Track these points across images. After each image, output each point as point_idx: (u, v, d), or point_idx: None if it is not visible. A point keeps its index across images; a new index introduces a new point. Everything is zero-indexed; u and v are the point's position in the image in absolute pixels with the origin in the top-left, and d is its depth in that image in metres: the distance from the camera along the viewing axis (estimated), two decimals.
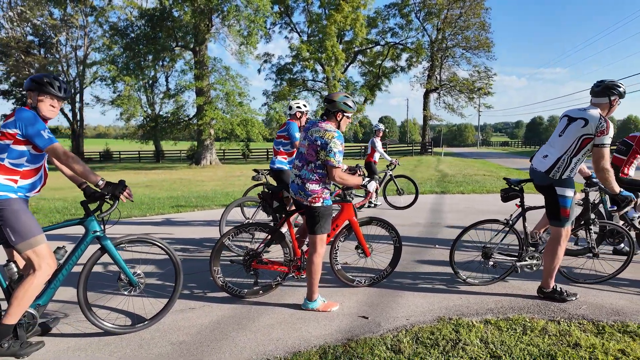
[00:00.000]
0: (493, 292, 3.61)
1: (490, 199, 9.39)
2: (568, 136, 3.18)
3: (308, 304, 3.20)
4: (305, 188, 3.06)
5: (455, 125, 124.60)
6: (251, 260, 3.40)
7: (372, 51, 36.98)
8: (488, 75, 34.05)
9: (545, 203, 3.37)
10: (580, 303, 3.34)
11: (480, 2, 32.14)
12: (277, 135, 5.03)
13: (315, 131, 3.02)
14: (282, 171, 4.90)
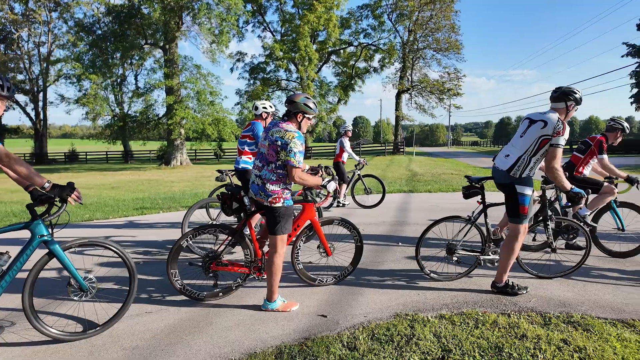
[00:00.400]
0: (450, 288, 3.71)
1: (456, 197, 9.62)
2: (529, 137, 3.35)
3: (268, 304, 3.19)
4: (266, 189, 3.06)
5: (427, 125, 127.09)
6: (210, 262, 3.35)
7: (346, 52, 37.23)
8: (457, 76, 34.97)
9: (505, 201, 3.51)
10: (530, 296, 3.49)
11: (450, 4, 32.94)
12: (241, 135, 5.03)
13: (275, 131, 3.01)
14: (247, 171, 4.87)
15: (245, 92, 34.85)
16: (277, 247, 3.14)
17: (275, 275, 3.14)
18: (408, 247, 5.10)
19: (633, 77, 35.78)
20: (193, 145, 31.16)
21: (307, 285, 3.73)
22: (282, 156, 2.98)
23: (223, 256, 3.44)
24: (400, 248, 5.09)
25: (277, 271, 3.15)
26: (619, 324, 2.97)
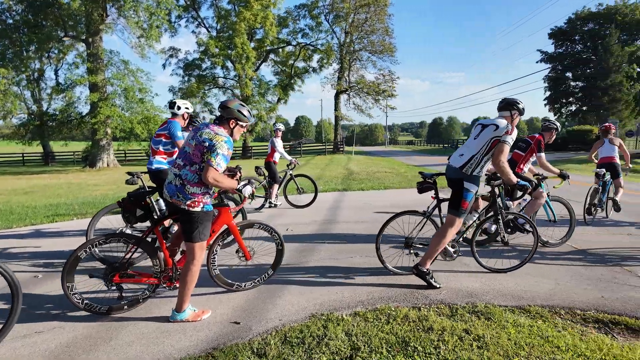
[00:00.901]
0: (367, 284, 3.77)
1: (387, 195, 9.96)
2: (482, 139, 3.64)
3: (176, 315, 2.99)
4: (185, 190, 2.88)
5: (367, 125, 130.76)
6: (113, 273, 3.08)
7: (284, 51, 37.08)
8: (392, 78, 36.31)
9: (451, 194, 3.75)
10: (442, 289, 3.65)
11: (384, 8, 34.09)
12: (156, 134, 4.70)
13: (205, 132, 2.86)
14: (162, 171, 4.58)
15: (179, 90, 33.40)
16: (194, 254, 2.95)
17: (189, 284, 2.96)
18: (333, 245, 5.13)
19: (546, 81, 39.61)
20: (121, 146, 29.18)
21: (225, 290, 3.59)
22: (206, 158, 2.82)
23: (128, 267, 3.16)
24: (325, 247, 5.10)
25: (192, 280, 2.97)
26: (517, 311, 3.20)
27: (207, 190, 2.96)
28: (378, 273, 4.06)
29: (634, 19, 35.02)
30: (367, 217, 6.87)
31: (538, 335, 2.75)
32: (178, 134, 4.58)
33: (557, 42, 38.90)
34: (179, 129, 4.62)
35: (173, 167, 3.01)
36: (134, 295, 3.24)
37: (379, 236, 3.97)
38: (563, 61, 38.00)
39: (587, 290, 3.62)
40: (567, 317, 3.12)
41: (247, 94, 30.85)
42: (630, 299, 3.44)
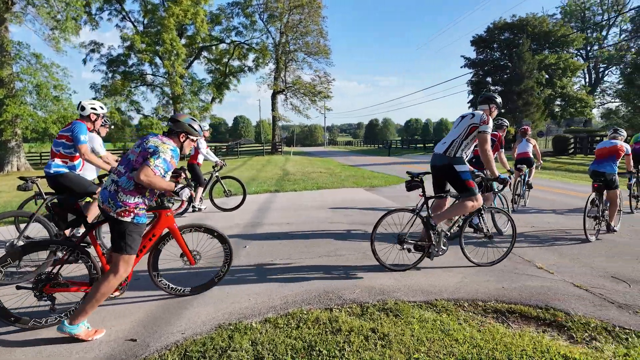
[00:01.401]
0: (283, 288, 3.67)
1: (317, 195, 9.98)
2: (460, 126, 4.09)
3: (67, 327, 2.67)
4: (117, 197, 2.75)
5: (307, 126, 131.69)
6: (44, 284, 2.84)
7: (218, 49, 36.06)
8: (328, 80, 36.85)
9: (451, 184, 4.11)
10: (355, 287, 3.66)
11: (318, 10, 34.47)
12: (58, 135, 4.30)
13: (152, 141, 2.85)
14: (61, 175, 4.20)
15: (102, 87, 31.05)
16: (117, 266, 2.77)
17: (100, 298, 2.73)
18: (254, 249, 4.98)
19: (469, 85, 42.52)
20: (33, 147, 26.42)
21: (121, 303, 3.29)
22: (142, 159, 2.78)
23: (60, 276, 2.92)
24: (245, 251, 4.93)
25: (105, 294, 2.76)
26: (425, 305, 3.29)
27: (141, 201, 2.84)
28: (296, 277, 3.98)
29: (542, 30, 38.82)
30: (294, 219, 6.80)
31: (440, 330, 2.84)
32: (81, 137, 4.19)
33: (478, 49, 41.91)
34: (84, 131, 4.24)
35: (113, 173, 2.91)
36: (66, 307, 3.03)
37: (374, 233, 4.05)
38: (484, 67, 41.05)
39: (490, 282, 3.84)
40: (469, 309, 3.27)
41: (177, 92, 29.48)
42: (526, 288, 3.70)
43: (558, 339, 2.84)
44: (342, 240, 5.40)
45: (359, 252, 4.80)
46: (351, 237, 5.58)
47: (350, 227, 6.16)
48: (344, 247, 5.05)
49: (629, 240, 5.42)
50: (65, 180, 4.20)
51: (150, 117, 30.91)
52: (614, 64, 46.38)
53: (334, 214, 7.21)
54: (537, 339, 2.74)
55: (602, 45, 47.08)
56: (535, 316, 3.15)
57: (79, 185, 4.18)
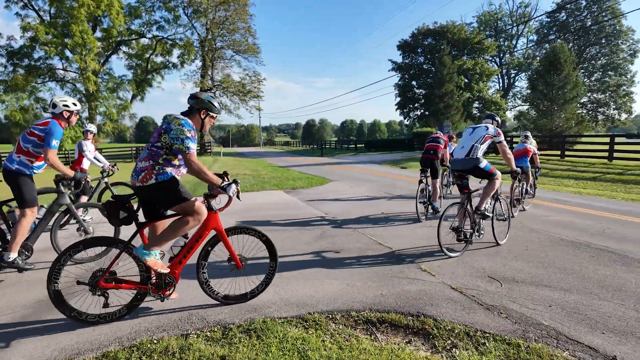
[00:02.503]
0: (142, 311, 3.25)
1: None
2: (476, 134, 5.07)
3: (141, 251, 2.95)
4: (137, 168, 2.93)
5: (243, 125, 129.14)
6: (98, 279, 2.93)
7: (139, 43, 33.74)
8: (258, 79, 36.17)
9: (479, 177, 5.14)
10: (224, 307, 3.35)
11: (245, 7, 33.65)
12: (30, 131, 3.95)
13: (172, 117, 2.98)
14: (21, 175, 3.92)
15: (0, 82, 27.53)
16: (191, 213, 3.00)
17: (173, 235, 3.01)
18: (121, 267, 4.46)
19: (396, 88, 44.31)
20: None
21: None
22: (163, 139, 2.91)
23: (114, 272, 3.01)
24: None
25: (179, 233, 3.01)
26: (295, 321, 3.08)
27: (159, 164, 2.92)
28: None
29: (460, 37, 41.59)
30: None
31: (297, 351, 2.62)
32: (53, 142, 3.89)
33: (404, 54, 43.84)
34: (60, 134, 3.96)
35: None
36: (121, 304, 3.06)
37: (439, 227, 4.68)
38: (409, 70, 43.05)
39: (371, 289, 3.75)
40: (341, 321, 3.11)
41: (90, 89, 27.06)
42: (404, 293, 3.65)
43: (420, 349, 2.77)
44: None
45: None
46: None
47: None
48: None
49: (513, 235, 5.72)
50: (17, 182, 3.89)
51: None
52: (523, 71, 51.13)
53: (242, 219, 6.85)
54: (397, 352, 2.64)
55: (512, 53, 51.66)
56: (405, 325, 3.07)
57: (22, 191, 3.89)
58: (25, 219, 3.86)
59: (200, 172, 2.88)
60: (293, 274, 4.14)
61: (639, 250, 5.02)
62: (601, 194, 10.70)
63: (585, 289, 3.75)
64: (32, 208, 3.92)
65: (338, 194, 10.29)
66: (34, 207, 3.94)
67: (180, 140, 2.86)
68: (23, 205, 3.87)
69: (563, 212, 7.65)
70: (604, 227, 6.32)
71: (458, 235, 4.75)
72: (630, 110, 44.24)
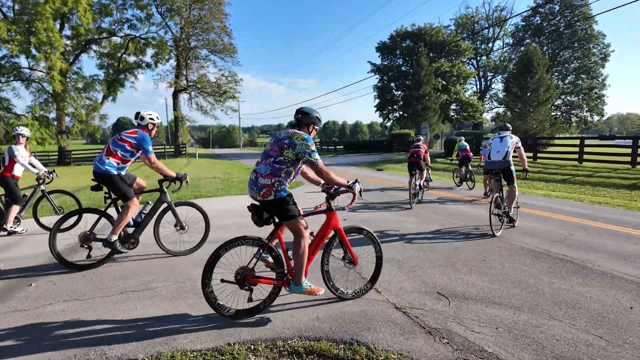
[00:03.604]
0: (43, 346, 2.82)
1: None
2: (506, 142, 6.57)
3: (295, 288, 3.24)
4: (258, 182, 3.15)
5: (225, 126, 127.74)
6: (245, 275, 3.22)
7: (111, 42, 32.65)
8: (235, 80, 35.50)
9: (505, 177, 6.47)
10: (131, 337, 2.94)
11: (219, 6, 32.97)
12: (120, 137, 4.45)
13: (284, 132, 3.22)
14: (112, 176, 4.38)
15: None
16: (297, 230, 3.18)
17: (302, 257, 3.19)
18: (42, 286, 3.99)
19: (375, 90, 44.26)
20: None
21: None
22: (286, 153, 3.13)
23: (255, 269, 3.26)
24: (25, 292, 3.92)
25: (305, 253, 3.20)
26: (210, 354, 2.70)
27: (278, 180, 3.13)
28: (77, 330, 3.14)
29: (438, 39, 41.85)
30: None
31: None
32: (150, 148, 4.46)
33: (382, 55, 43.84)
34: (149, 142, 4.48)
35: (256, 165, 3.29)
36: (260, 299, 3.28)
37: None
38: (388, 72, 43.04)
39: (306, 311, 3.40)
40: (263, 353, 2.75)
41: (57, 89, 25.96)
42: (342, 315, 3.31)
43: None
44: (165, 267, 4.65)
45: (176, 282, 4.10)
46: (177, 261, 4.86)
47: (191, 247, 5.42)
48: (162, 277, 4.29)
49: (474, 244, 5.47)
50: (110, 181, 4.37)
51: (23, 117, 26.79)
52: (499, 73, 51.91)
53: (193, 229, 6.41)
54: None
55: (489, 56, 52.41)
56: (335, 355, 2.73)
57: (119, 188, 4.40)
58: (129, 209, 4.42)
59: (329, 175, 3.24)
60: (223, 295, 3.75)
61: (598, 260, 4.83)
62: (569, 196, 10.68)
63: (537, 307, 3.50)
64: (132, 200, 4.44)
65: (306, 198, 9.94)
66: (132, 198, 4.45)
67: (308, 154, 3.14)
68: (124, 199, 4.43)
69: (529, 217, 7.49)
70: (567, 234, 6.16)
71: (500, 218, 6.23)
72: (602, 112, 45.34)
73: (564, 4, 42.67)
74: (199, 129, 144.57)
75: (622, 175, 13.72)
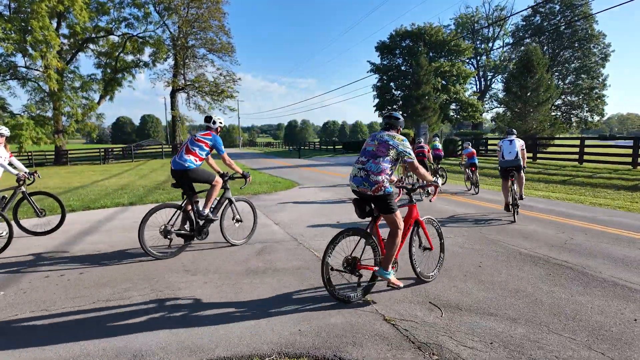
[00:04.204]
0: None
1: None
2: (515, 145, 7.53)
3: (383, 272, 3.62)
4: (370, 179, 3.52)
5: (225, 126, 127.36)
6: (355, 264, 3.57)
7: (109, 41, 32.42)
8: (233, 79, 35.25)
9: (517, 171, 7.56)
10: (103, 352, 2.72)
11: (217, 5, 32.71)
12: (197, 138, 5.12)
13: (386, 135, 3.70)
14: (191, 169, 4.96)
15: None
16: (396, 223, 3.61)
17: (396, 247, 3.62)
18: (16, 293, 3.78)
19: (374, 89, 44.02)
20: None
21: None
22: (392, 153, 3.61)
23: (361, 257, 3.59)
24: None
25: (398, 244, 3.63)
26: None
27: (386, 177, 3.54)
28: (45, 338, 2.93)
29: (437, 39, 41.60)
30: (115, 242, 5.67)
31: None
32: (223, 148, 5.21)
33: (382, 55, 43.59)
34: (221, 142, 5.19)
35: (356, 163, 3.69)
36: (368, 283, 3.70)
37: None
38: (387, 72, 42.79)
39: (289, 323, 3.18)
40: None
41: (53, 88, 25.73)
42: (326, 328, 3.10)
43: None
44: (143, 273, 4.44)
45: (154, 289, 3.88)
46: (154, 266, 4.64)
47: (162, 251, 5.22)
48: (139, 285, 4.08)
49: (470, 249, 5.26)
50: (194, 173, 4.98)
51: (19, 116, 26.56)
52: (499, 73, 51.67)
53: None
54: None
55: (489, 56, 52.17)
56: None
57: (203, 175, 5.08)
58: (215, 187, 5.19)
59: (421, 170, 3.75)
60: (203, 306, 3.54)
61: (599, 266, 4.61)
62: (569, 198, 10.46)
63: (536, 318, 3.28)
64: (216, 179, 5.19)
65: (299, 201, 9.73)
66: (216, 178, 5.23)
67: (408, 154, 3.64)
68: (210, 181, 5.14)
69: (528, 220, 7.28)
70: (567, 238, 5.94)
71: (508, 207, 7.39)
72: (602, 112, 45.09)
73: (564, 3, 42.43)
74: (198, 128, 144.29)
75: (623, 176, 13.49)
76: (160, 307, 3.48)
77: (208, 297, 3.71)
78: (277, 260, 4.88)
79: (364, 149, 3.75)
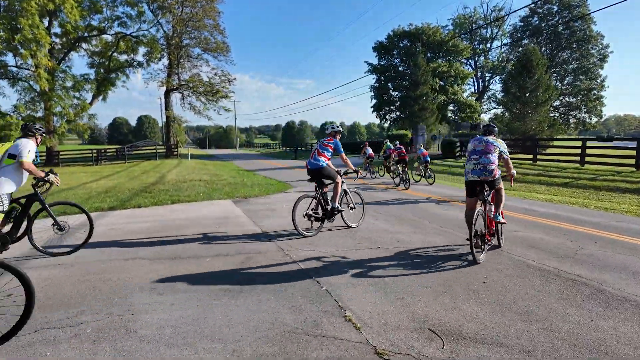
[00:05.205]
0: None
1: (163, 212, 8.35)
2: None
3: (499, 217, 5.13)
4: (487, 169, 4.92)
5: (222, 127, 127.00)
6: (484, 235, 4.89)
7: (102, 40, 31.88)
8: (228, 79, 34.76)
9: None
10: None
11: (212, 4, 32.23)
12: (324, 143, 6.36)
13: (492, 139, 5.15)
14: (324, 167, 6.19)
15: None
16: (502, 190, 5.16)
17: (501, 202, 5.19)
18: None
19: (372, 90, 43.60)
20: None
21: None
22: (496, 152, 5.05)
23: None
24: None
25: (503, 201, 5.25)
26: None
27: (497, 166, 5.03)
28: None
29: (435, 39, 41.23)
30: (81, 254, 5.17)
31: None
32: (342, 149, 6.42)
33: (379, 56, 43.18)
34: (340, 145, 6.41)
35: (469, 160, 5.11)
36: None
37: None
38: (385, 73, 42.38)
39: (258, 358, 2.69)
40: None
41: (44, 88, 25.17)
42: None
43: None
44: (107, 292, 3.93)
45: (111, 314, 3.38)
46: (123, 284, 4.15)
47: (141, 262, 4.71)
48: (97, 307, 3.58)
49: (472, 260, 4.78)
50: (325, 170, 6.17)
51: (9, 116, 25.98)
52: (497, 73, 51.33)
53: (152, 241, 5.71)
54: None
55: (487, 56, 51.83)
56: None
57: (331, 173, 6.23)
58: (339, 184, 6.30)
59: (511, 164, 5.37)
60: (170, 333, 3.04)
61: (617, 282, 4.14)
62: (573, 201, 10.01)
63: (553, 349, 2.80)
64: (338, 178, 6.31)
65: (290, 204, 9.24)
66: (339, 176, 6.34)
67: (506, 153, 5.20)
68: (335, 179, 6.27)
69: (532, 226, 6.81)
70: (577, 247, 5.47)
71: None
72: (600, 113, 44.79)
73: (562, 4, 42.13)
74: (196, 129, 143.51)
75: (626, 179, 13.06)
76: (109, 336, 2.98)
77: (177, 319, 3.21)
78: (259, 275, 4.39)
79: (473, 149, 5.12)
